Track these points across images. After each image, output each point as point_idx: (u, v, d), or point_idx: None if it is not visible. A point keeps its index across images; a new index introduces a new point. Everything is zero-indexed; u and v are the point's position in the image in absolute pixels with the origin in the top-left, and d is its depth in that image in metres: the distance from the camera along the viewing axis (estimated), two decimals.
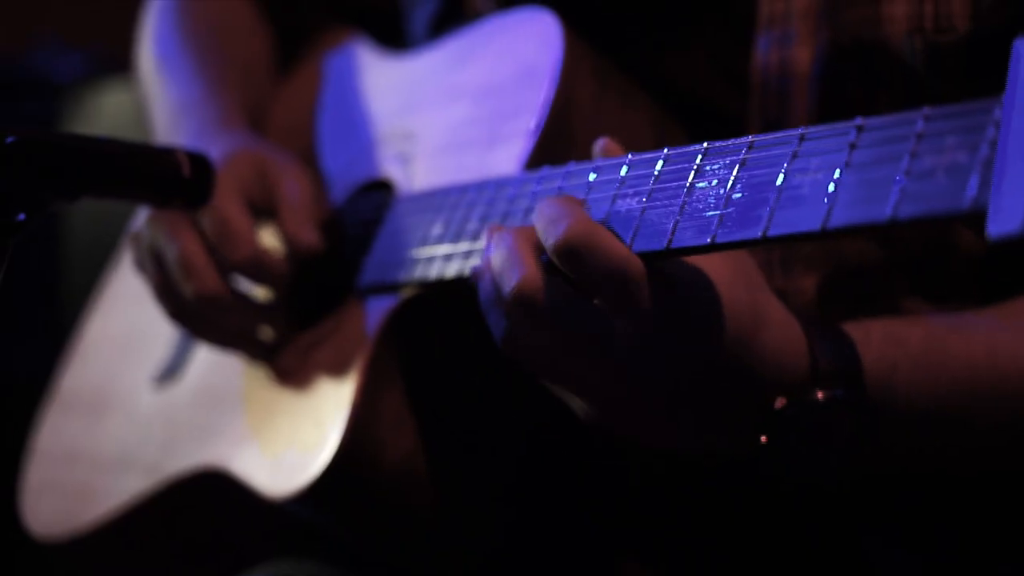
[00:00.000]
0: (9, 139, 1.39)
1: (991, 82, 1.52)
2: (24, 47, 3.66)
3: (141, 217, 1.83)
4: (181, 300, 1.79)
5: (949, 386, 1.45)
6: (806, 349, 1.38)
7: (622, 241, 1.34)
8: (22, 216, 1.39)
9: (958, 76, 1.57)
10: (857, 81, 1.61)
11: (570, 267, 1.32)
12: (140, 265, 1.84)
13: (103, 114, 3.10)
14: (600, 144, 1.46)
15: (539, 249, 1.37)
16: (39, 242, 1.40)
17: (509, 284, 1.36)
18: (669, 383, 1.35)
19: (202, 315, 1.80)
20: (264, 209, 1.83)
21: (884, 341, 1.42)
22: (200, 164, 1.52)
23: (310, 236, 1.80)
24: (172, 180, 1.50)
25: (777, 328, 1.36)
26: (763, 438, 1.37)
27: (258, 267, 1.78)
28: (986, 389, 1.47)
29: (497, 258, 1.38)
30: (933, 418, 1.45)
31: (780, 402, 1.36)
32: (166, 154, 1.51)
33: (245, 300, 1.80)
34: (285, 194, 1.82)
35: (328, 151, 2.02)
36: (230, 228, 1.77)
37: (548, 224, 1.33)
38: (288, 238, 1.80)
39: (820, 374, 1.37)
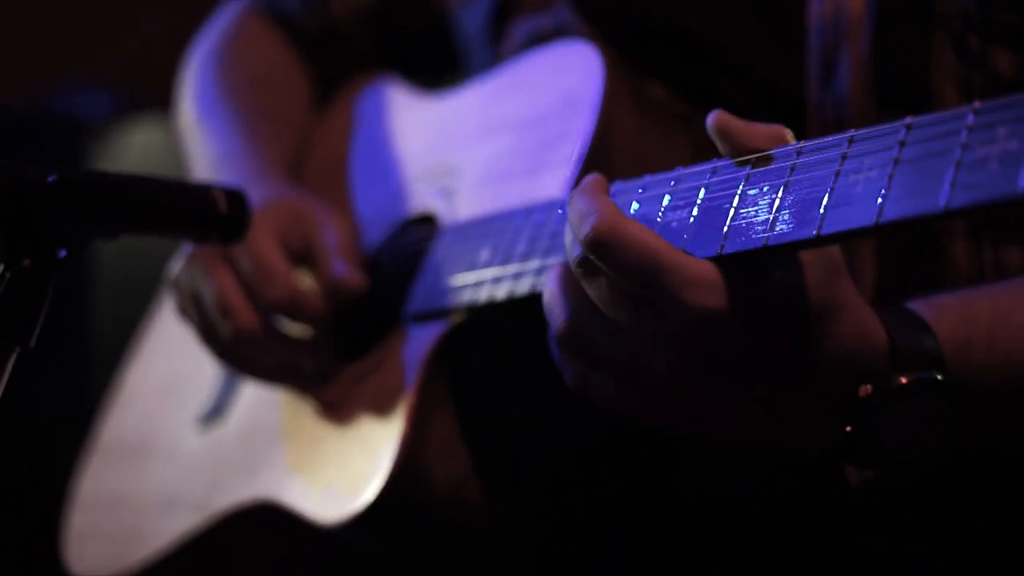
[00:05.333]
0: (51, 178, 1.40)
1: None
2: (52, 86, 3.70)
3: (178, 262, 1.86)
4: (222, 340, 1.81)
5: (1020, 359, 1.43)
6: (884, 333, 1.35)
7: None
8: (63, 253, 1.40)
9: (1013, 8, 1.58)
10: (911, 20, 1.62)
11: (602, 261, 1.30)
12: (182, 311, 1.86)
13: (130, 152, 3.11)
14: (713, 116, 1.38)
15: (578, 290, 1.36)
16: (69, 273, 1.41)
17: (553, 327, 1.37)
18: (741, 378, 1.33)
19: (244, 353, 1.81)
20: (300, 255, 1.85)
21: (956, 320, 1.41)
22: (236, 200, 1.53)
23: (353, 276, 1.82)
24: (209, 216, 1.51)
25: (853, 312, 1.33)
26: (847, 428, 1.34)
27: (294, 306, 1.80)
28: None
29: (544, 300, 1.40)
30: (1008, 392, 1.43)
31: (865, 390, 1.34)
32: (203, 191, 1.53)
33: (285, 336, 1.82)
34: (323, 240, 1.85)
35: (365, 191, 2.04)
36: (266, 269, 1.79)
37: (578, 220, 1.33)
38: (331, 281, 1.82)
39: (901, 358, 1.35)
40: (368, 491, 1.66)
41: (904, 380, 1.34)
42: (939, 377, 1.35)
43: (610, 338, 1.33)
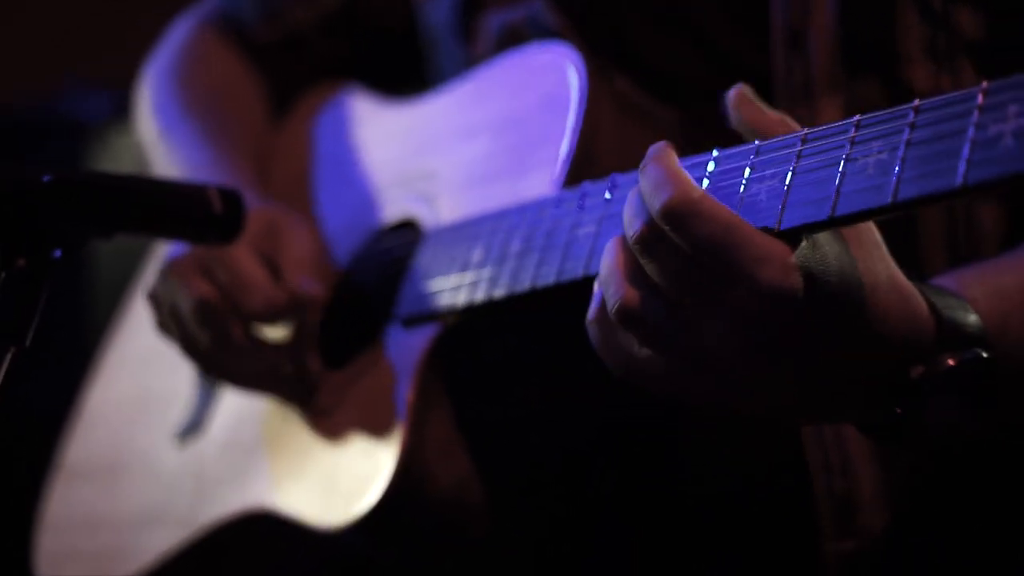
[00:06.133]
0: (46, 178, 1.40)
1: None
2: (51, 88, 3.69)
3: (154, 276, 1.84)
4: (204, 350, 1.79)
5: None
6: (927, 308, 1.33)
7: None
8: (58, 253, 1.40)
9: None
10: None
11: (677, 232, 1.26)
12: (162, 326, 1.83)
13: (128, 154, 3.10)
14: (737, 88, 1.38)
15: (636, 266, 1.31)
16: (65, 272, 1.42)
17: (610, 301, 1.31)
18: (798, 356, 1.29)
19: (227, 362, 1.80)
20: (272, 266, 1.84)
21: (988, 294, 1.38)
22: (230, 200, 1.53)
23: (311, 286, 1.80)
24: (204, 217, 1.51)
25: (895, 285, 1.31)
26: (898, 409, 1.32)
27: (272, 315, 1.78)
28: None
29: (601, 275, 1.34)
30: None
31: (918, 370, 1.31)
32: (198, 191, 1.52)
33: (266, 344, 1.80)
34: (290, 248, 1.84)
35: (334, 201, 2.03)
36: (243, 279, 1.78)
37: (652, 189, 1.29)
38: (290, 289, 1.80)
39: (946, 335, 1.32)
40: (370, 494, 1.65)
41: (952, 359, 1.31)
42: (984, 355, 1.33)
43: (668, 315, 1.29)
